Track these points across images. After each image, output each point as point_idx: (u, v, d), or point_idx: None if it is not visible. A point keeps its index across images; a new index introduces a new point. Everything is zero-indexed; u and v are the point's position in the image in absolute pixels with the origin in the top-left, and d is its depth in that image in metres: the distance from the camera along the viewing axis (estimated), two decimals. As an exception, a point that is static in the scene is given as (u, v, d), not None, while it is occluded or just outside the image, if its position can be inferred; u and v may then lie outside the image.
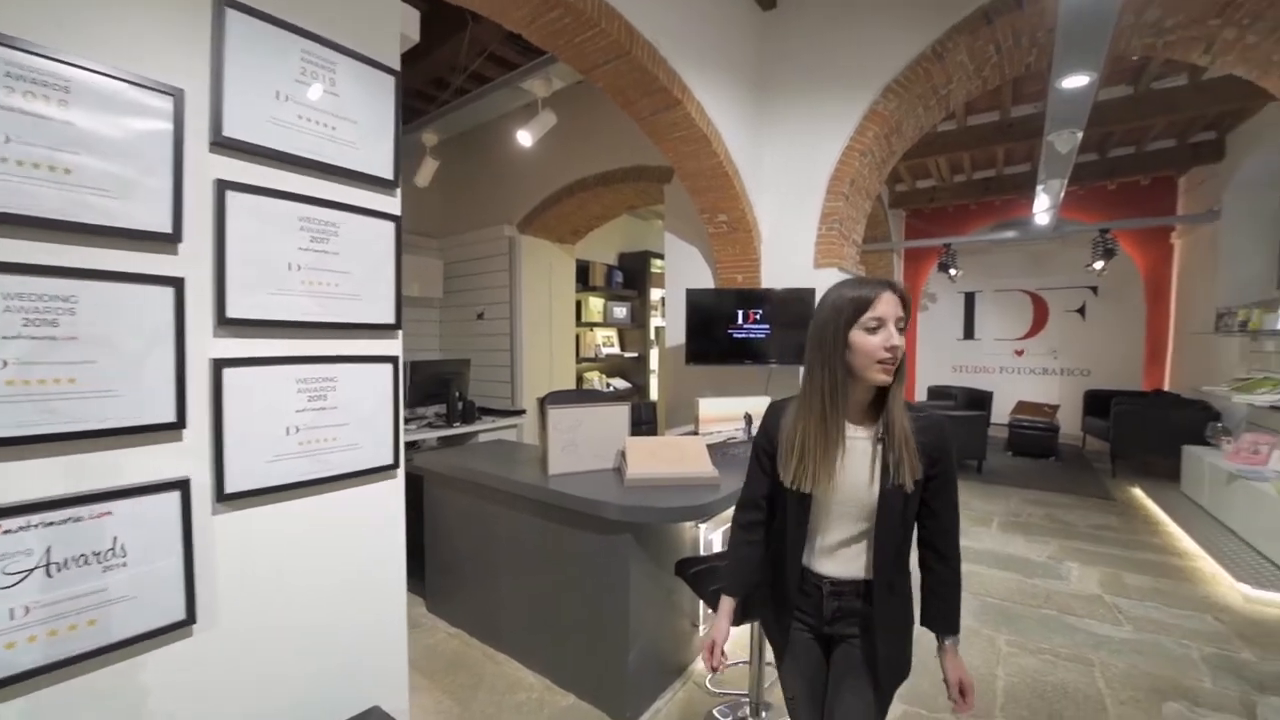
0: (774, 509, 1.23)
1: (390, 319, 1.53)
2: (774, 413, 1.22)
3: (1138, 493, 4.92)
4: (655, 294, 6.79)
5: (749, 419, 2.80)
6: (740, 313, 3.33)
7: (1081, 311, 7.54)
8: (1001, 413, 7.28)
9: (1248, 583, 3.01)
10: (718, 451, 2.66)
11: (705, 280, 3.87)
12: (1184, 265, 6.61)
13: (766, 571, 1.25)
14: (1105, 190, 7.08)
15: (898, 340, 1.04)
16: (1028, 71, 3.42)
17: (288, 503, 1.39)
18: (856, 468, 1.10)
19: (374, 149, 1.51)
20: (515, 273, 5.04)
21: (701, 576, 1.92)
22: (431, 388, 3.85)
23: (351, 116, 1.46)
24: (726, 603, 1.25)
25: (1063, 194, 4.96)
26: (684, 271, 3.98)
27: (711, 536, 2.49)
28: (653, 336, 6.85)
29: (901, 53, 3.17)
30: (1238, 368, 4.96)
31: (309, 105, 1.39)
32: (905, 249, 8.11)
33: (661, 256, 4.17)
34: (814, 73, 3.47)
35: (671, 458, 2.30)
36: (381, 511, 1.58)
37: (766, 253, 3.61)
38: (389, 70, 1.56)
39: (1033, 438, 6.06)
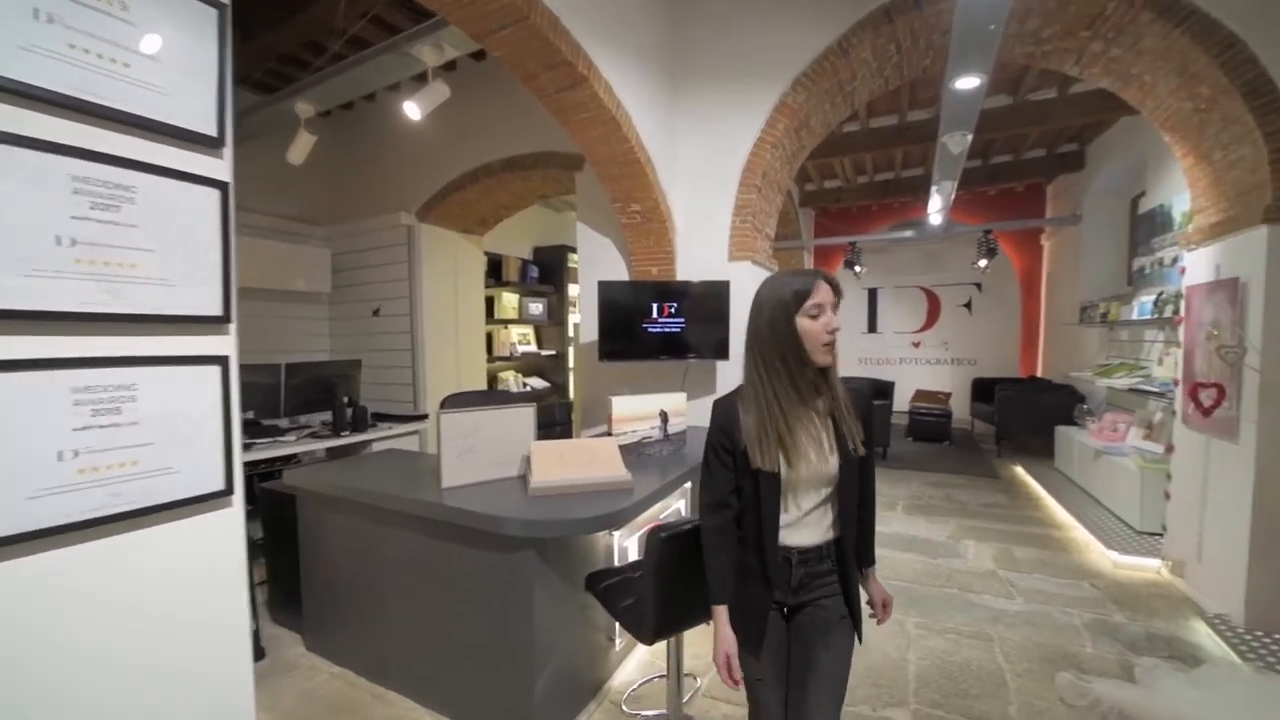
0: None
1: (216, 309, 1.23)
2: (727, 410, 1.25)
3: (1020, 470, 5.36)
4: (573, 289, 6.56)
5: (665, 417, 2.68)
6: (655, 306, 3.21)
7: (969, 306, 8.18)
8: (902, 401, 7.74)
9: (1115, 549, 3.31)
10: (632, 452, 2.51)
11: (620, 273, 3.72)
12: (1052, 264, 7.32)
13: (736, 564, 1.27)
14: (987, 195, 7.69)
15: (837, 323, 1.16)
16: (924, 74, 3.55)
17: (70, 549, 1.06)
18: (817, 441, 1.20)
19: (190, 97, 1.21)
20: (415, 265, 4.63)
21: (613, 591, 1.76)
22: (313, 393, 3.42)
23: (153, 53, 1.15)
24: (722, 611, 1.25)
25: (953, 196, 5.28)
26: (598, 264, 3.80)
27: (626, 544, 2.34)
28: (571, 333, 6.63)
29: (810, 44, 3.17)
30: (1098, 355, 5.53)
31: (87, 33, 1.07)
32: (815, 247, 8.40)
33: (578, 250, 3.97)
34: (725, 61, 3.40)
35: (581, 462, 2.12)
36: (213, 549, 1.27)
37: (681, 245, 3.52)
38: (211, 1, 1.25)
39: (930, 424, 6.47)
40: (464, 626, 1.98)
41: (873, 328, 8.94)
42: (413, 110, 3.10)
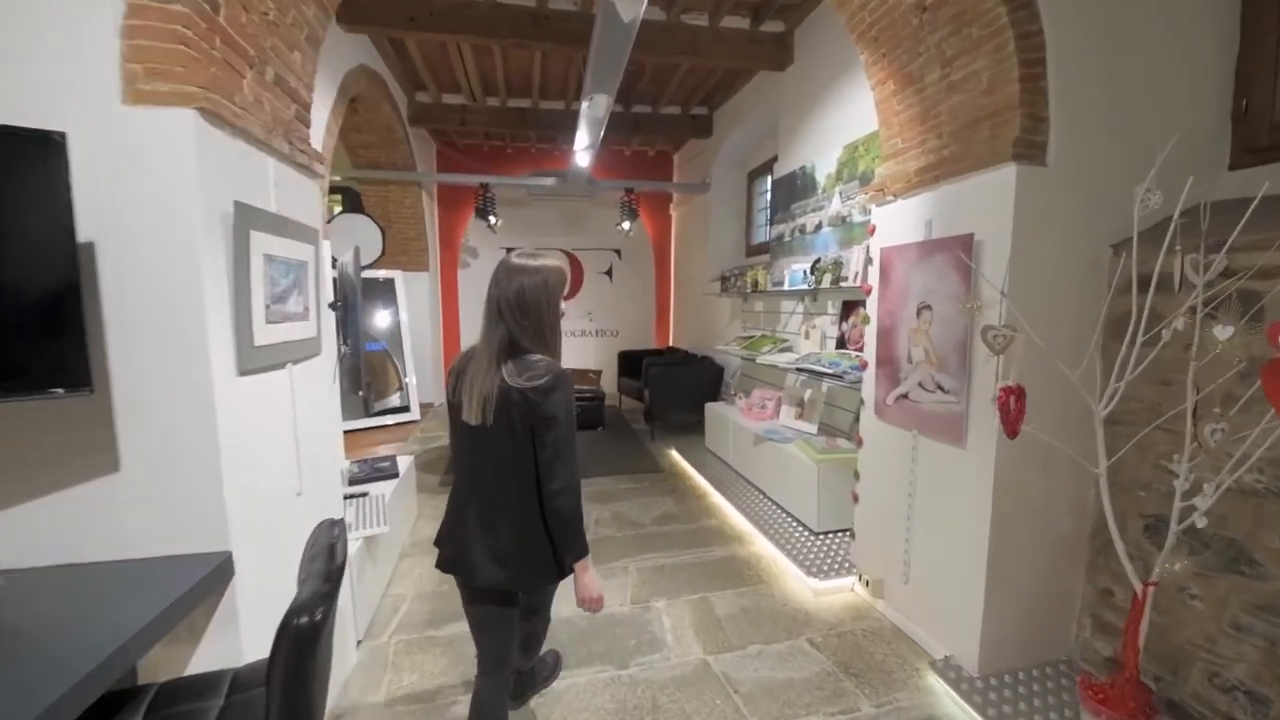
0: None
1: None
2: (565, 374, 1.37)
3: (676, 456, 4.84)
4: None
5: None
6: None
7: (610, 274, 7.70)
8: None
9: (813, 576, 2.69)
10: None
11: None
12: (680, 234, 7.35)
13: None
14: (623, 155, 7.20)
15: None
16: None
17: None
18: None
19: None
20: None
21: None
22: None
23: None
24: (589, 559, 1.40)
25: (604, 126, 4.19)
26: None
27: None
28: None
29: None
30: (731, 326, 5.47)
31: None
32: (438, 184, 6.45)
33: None
34: None
35: None
36: None
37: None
38: None
39: (584, 409, 5.54)
40: None
41: (514, 296, 7.65)
42: None
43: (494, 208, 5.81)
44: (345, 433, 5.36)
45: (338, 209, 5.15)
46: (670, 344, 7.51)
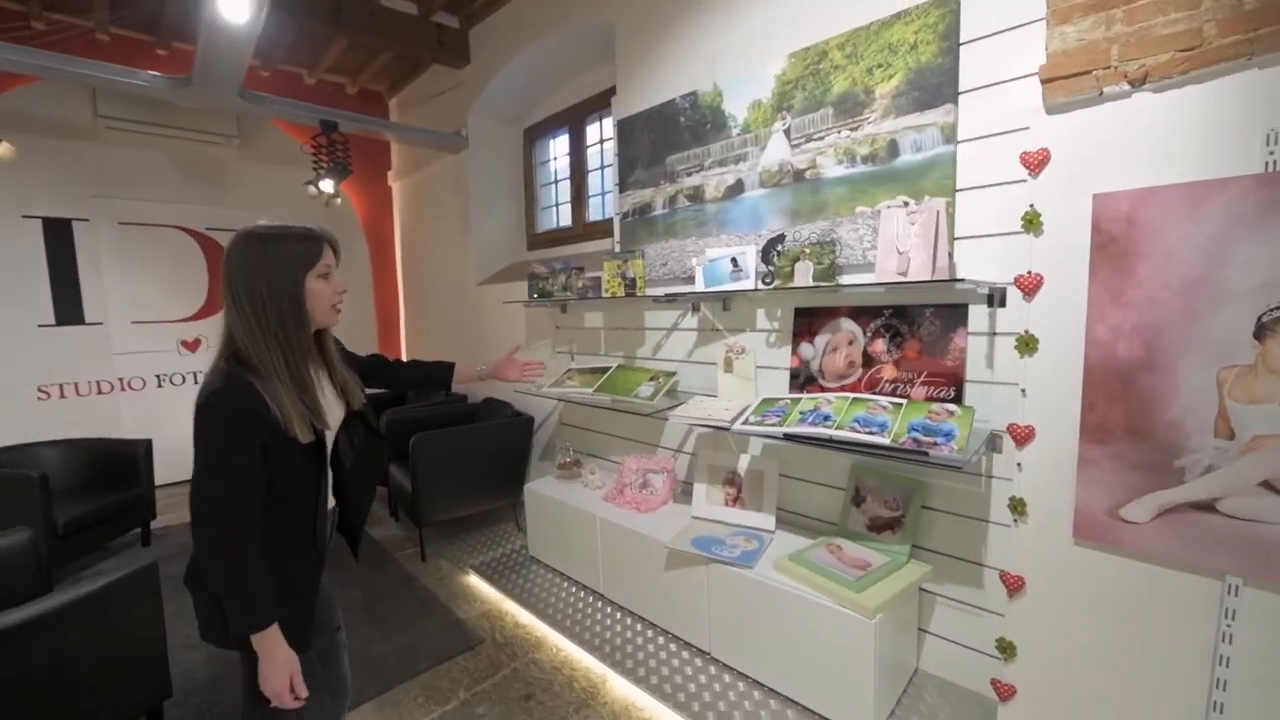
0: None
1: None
2: (246, 392, 0.99)
3: (483, 589, 2.74)
4: None
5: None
6: None
7: (289, 273, 4.76)
8: (170, 475, 3.70)
9: None
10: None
11: None
12: (410, 216, 5.03)
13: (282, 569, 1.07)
14: (304, 85, 4.55)
15: (344, 285, 1.17)
16: None
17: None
18: (331, 397, 1.18)
19: None
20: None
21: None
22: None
23: None
24: (276, 630, 1.03)
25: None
26: None
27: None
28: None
29: None
30: (531, 352, 3.63)
31: None
32: None
33: None
34: None
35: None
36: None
37: None
38: None
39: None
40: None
41: (71, 314, 3.98)
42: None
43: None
44: None
45: None
46: (405, 380, 5.10)
